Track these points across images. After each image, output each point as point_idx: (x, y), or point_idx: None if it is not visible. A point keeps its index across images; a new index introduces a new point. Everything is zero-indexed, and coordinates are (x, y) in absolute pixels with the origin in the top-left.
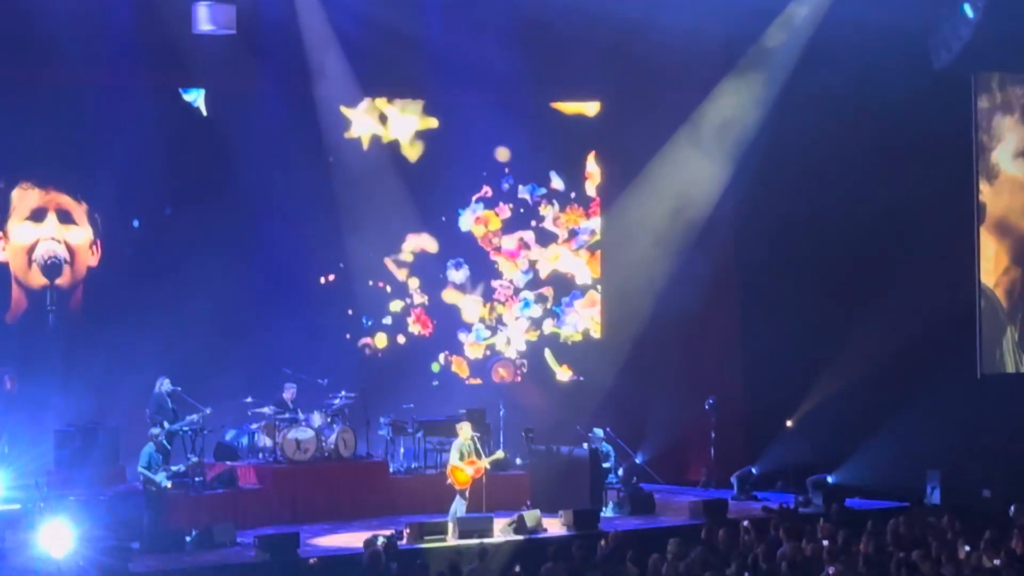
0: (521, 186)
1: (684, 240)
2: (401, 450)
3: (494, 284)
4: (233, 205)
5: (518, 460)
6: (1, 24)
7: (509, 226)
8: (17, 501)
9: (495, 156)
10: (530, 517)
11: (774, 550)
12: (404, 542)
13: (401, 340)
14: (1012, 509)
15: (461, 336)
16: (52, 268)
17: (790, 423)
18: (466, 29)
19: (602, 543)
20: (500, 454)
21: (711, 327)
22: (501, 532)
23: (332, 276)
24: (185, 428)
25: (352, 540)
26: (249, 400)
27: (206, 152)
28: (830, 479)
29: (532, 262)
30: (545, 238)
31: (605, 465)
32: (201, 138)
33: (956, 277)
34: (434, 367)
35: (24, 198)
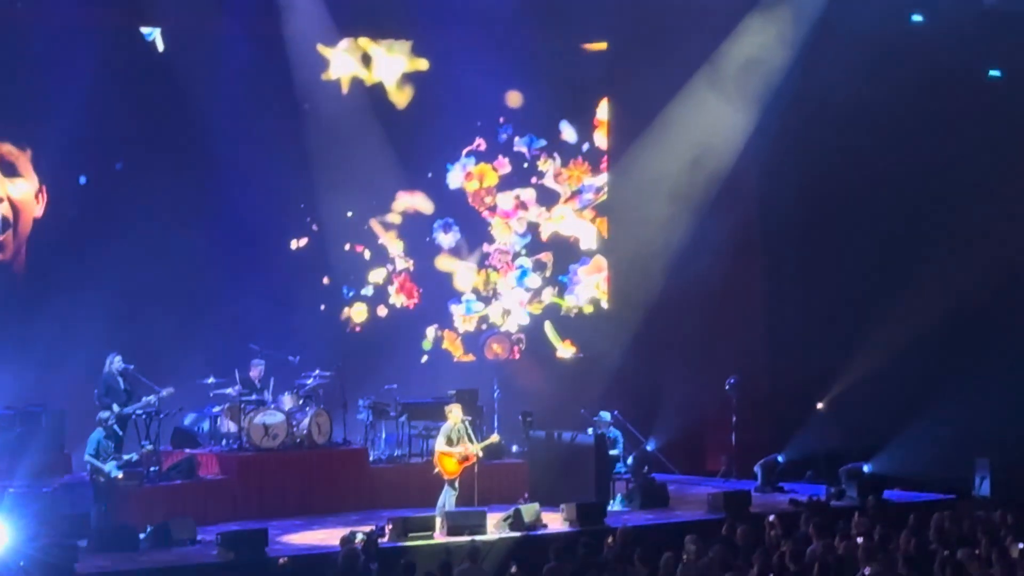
0: (518, 138)
1: (702, 198)
2: (382, 436)
3: (488, 249)
4: (192, 159)
5: (515, 447)
6: None
7: (504, 183)
8: None
9: (505, 101)
10: (528, 511)
11: (803, 548)
12: (386, 539)
13: (383, 312)
14: None
15: (453, 308)
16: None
17: (821, 405)
18: None
19: (609, 540)
20: (494, 439)
21: (732, 297)
22: (495, 528)
23: (305, 240)
24: (139, 411)
25: (327, 537)
26: (211, 380)
27: (162, 99)
28: (866, 468)
29: (530, 224)
30: (545, 197)
31: (612, 453)
32: (157, 84)
33: (1010, 237)
34: (425, 344)
35: None
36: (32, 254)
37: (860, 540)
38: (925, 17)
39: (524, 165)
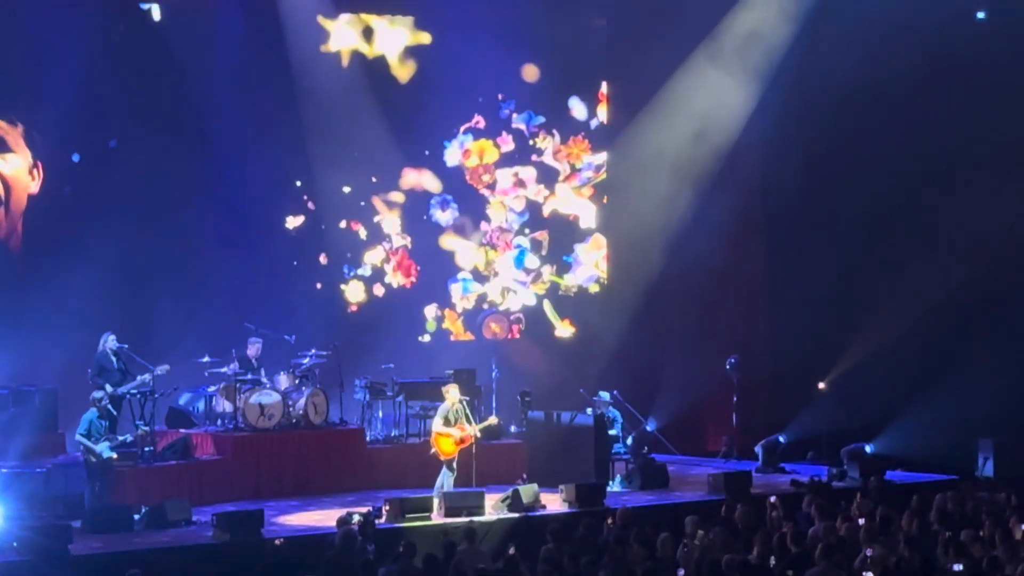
0: (516, 115)
1: (703, 176)
2: (379, 416)
3: (486, 227)
4: (187, 137)
5: (513, 427)
6: None
7: (503, 161)
8: None
9: (509, 77)
10: (526, 492)
11: (804, 529)
12: (383, 520)
13: (380, 292)
14: None
15: (452, 287)
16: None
17: (823, 385)
18: None
19: (608, 521)
20: (492, 420)
21: (733, 276)
22: (493, 509)
23: (301, 218)
24: (133, 391)
25: (323, 518)
26: (206, 359)
27: (156, 76)
28: (868, 449)
29: (529, 202)
30: (544, 174)
31: (612, 433)
32: (151, 60)
33: (1013, 218)
34: (429, 326)
35: None
36: (27, 233)
37: (862, 521)
38: None
39: (524, 142)
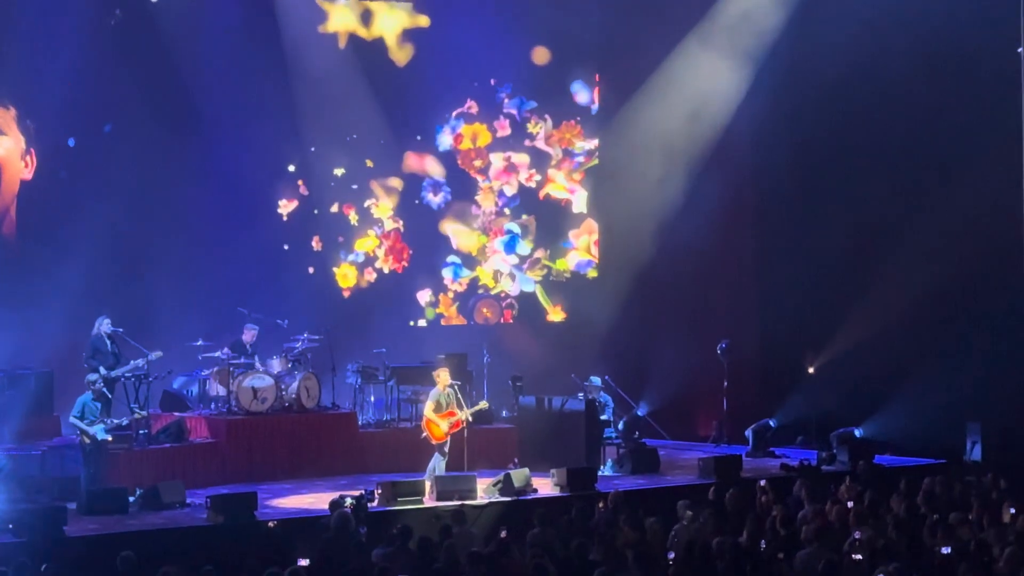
0: (507, 99)
1: (694, 161)
2: (371, 400)
3: (476, 212)
4: (181, 121)
5: (504, 412)
6: None
7: (496, 145)
8: None
9: (531, 58)
10: (518, 476)
11: (794, 512)
12: (375, 504)
13: (371, 276)
14: None
15: (444, 271)
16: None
17: (812, 370)
18: None
19: (600, 505)
20: (483, 405)
21: (723, 261)
22: (485, 493)
23: (295, 202)
24: (127, 375)
25: (316, 501)
26: (199, 343)
27: (151, 61)
28: (857, 433)
29: (521, 187)
30: (536, 159)
31: (603, 418)
32: (145, 45)
33: (1001, 205)
34: (428, 314)
35: None
36: (21, 217)
37: (851, 504)
38: None
39: (516, 128)
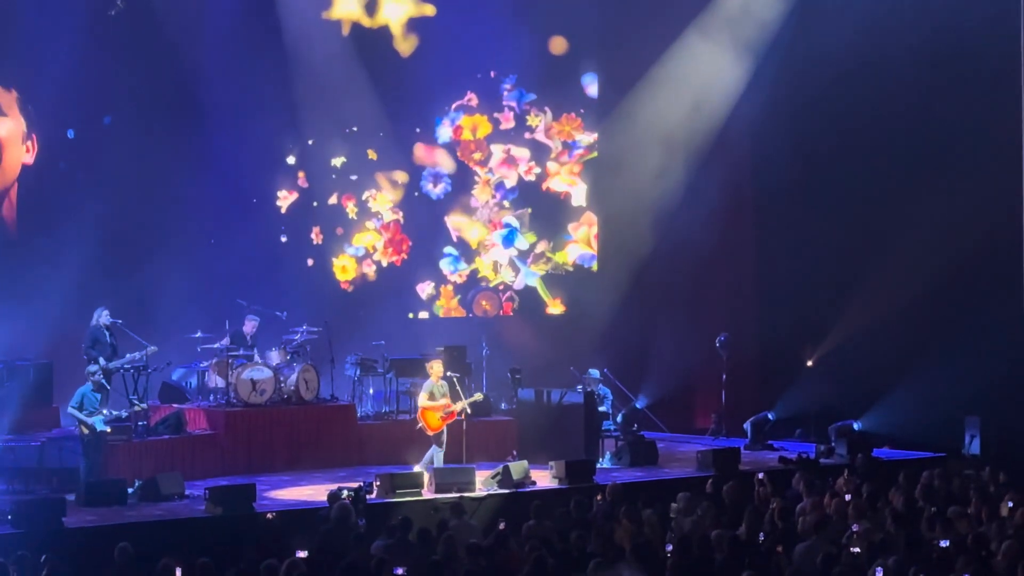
0: (507, 92)
1: (694, 154)
2: (370, 392)
3: (474, 204)
4: (181, 112)
5: (503, 404)
6: None
7: (496, 137)
8: None
9: (548, 48)
10: (516, 469)
11: (792, 505)
12: (373, 496)
13: (370, 268)
14: None
15: (443, 263)
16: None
17: (811, 363)
18: None
19: (598, 498)
20: (478, 397)
21: (722, 254)
22: (484, 485)
23: (294, 194)
24: (126, 366)
25: (315, 493)
26: (198, 335)
27: (150, 53)
28: (856, 426)
29: (520, 179)
30: (536, 152)
31: (601, 410)
32: (147, 35)
33: (1000, 200)
34: (437, 309)
35: None
36: (21, 207)
37: (849, 498)
38: None
39: (516, 120)
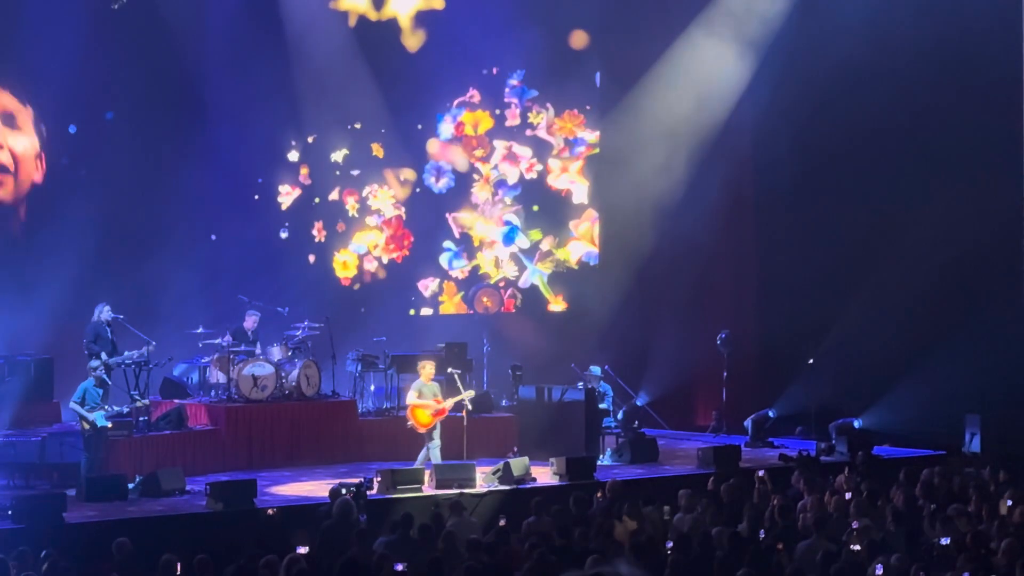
0: (508, 88)
1: (695, 151)
2: (371, 388)
3: (475, 200)
4: (183, 107)
5: (504, 401)
6: None
7: (497, 134)
8: None
9: (569, 42)
10: (517, 465)
11: (793, 503)
12: (374, 492)
13: (372, 264)
14: None
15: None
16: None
17: (811, 361)
18: None
19: (598, 495)
20: (469, 394)
21: (724, 251)
22: (484, 482)
23: (296, 190)
24: (127, 362)
25: (315, 489)
26: (200, 330)
27: (153, 47)
28: (856, 424)
29: (521, 176)
30: (538, 149)
31: (602, 407)
32: (148, 30)
33: (1001, 199)
34: (447, 307)
35: None
36: (31, 207)
37: (849, 495)
38: None
39: (519, 116)
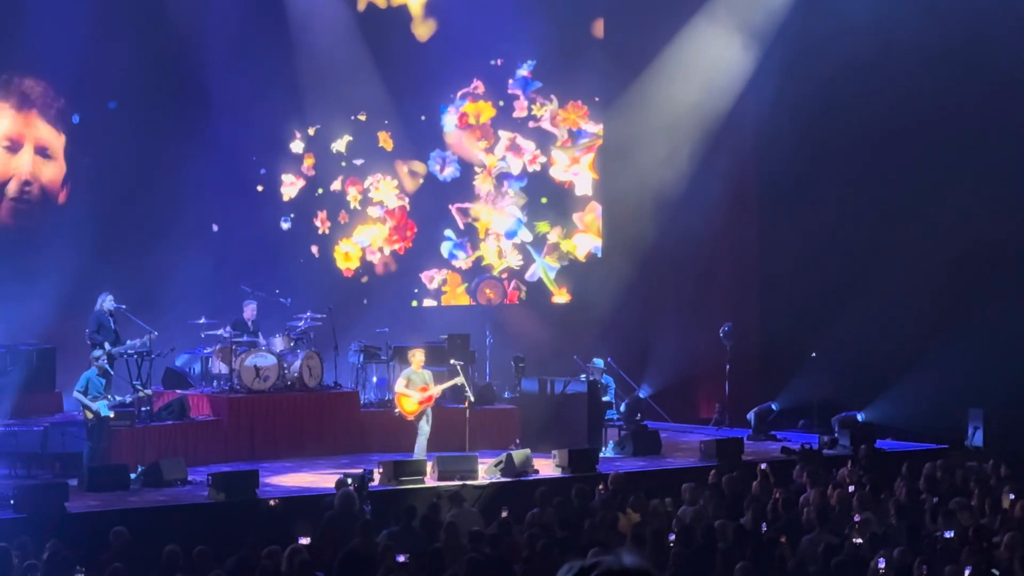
0: (511, 80)
1: (698, 144)
2: (374, 379)
3: (479, 192)
4: (186, 98)
5: (506, 393)
6: None
7: (500, 125)
8: None
9: (592, 32)
10: (519, 457)
11: (796, 496)
12: (376, 483)
13: (375, 256)
14: None
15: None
16: (22, 215)
17: (814, 354)
18: None
19: (600, 487)
20: (457, 380)
21: (727, 244)
22: (486, 474)
23: (299, 180)
24: (130, 352)
25: (317, 480)
26: (202, 321)
27: (156, 36)
28: (859, 417)
29: (525, 168)
30: (541, 140)
31: (605, 399)
32: (151, 19)
33: (1008, 193)
34: (462, 299)
35: None
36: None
37: (852, 488)
38: None
39: (519, 108)
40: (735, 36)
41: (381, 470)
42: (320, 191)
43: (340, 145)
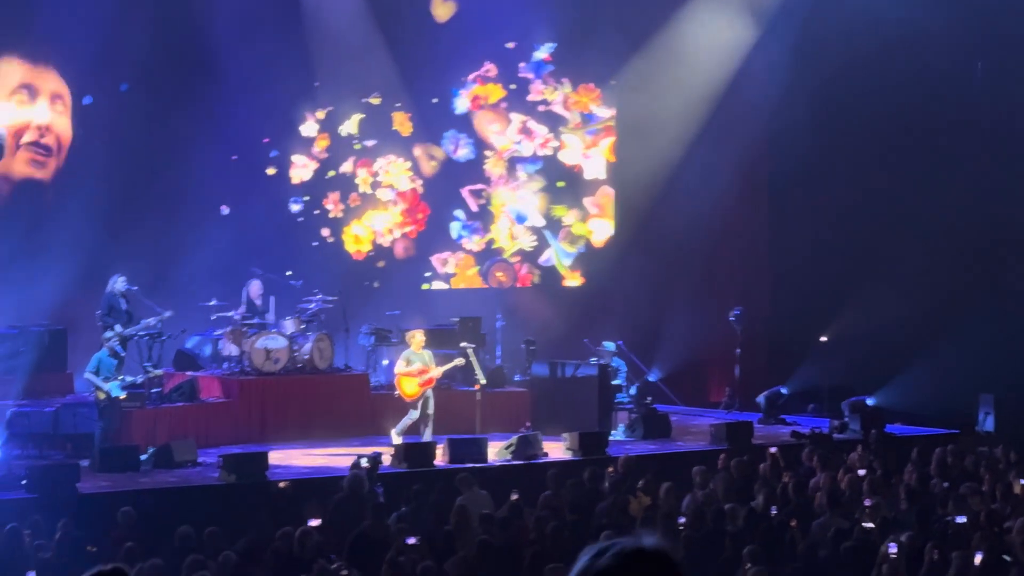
0: (523, 63)
1: (709, 128)
2: (384, 362)
3: (489, 175)
4: (198, 80)
5: (517, 376)
6: None
7: (513, 108)
8: None
9: (587, 15)
10: (530, 440)
11: (806, 480)
12: (386, 465)
13: (386, 239)
14: None
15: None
16: (38, 164)
17: (825, 338)
18: None
19: (610, 469)
20: (458, 362)
21: (737, 228)
22: (497, 456)
23: (312, 162)
24: (142, 333)
25: (328, 462)
26: (213, 303)
27: (169, 18)
28: (869, 402)
29: (536, 151)
30: (553, 124)
31: (615, 383)
32: (164, 4)
33: (1019, 179)
34: (459, 279)
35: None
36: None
37: (862, 472)
38: None
39: (533, 91)
40: (746, 21)
41: (392, 451)
42: (332, 173)
43: (351, 126)
